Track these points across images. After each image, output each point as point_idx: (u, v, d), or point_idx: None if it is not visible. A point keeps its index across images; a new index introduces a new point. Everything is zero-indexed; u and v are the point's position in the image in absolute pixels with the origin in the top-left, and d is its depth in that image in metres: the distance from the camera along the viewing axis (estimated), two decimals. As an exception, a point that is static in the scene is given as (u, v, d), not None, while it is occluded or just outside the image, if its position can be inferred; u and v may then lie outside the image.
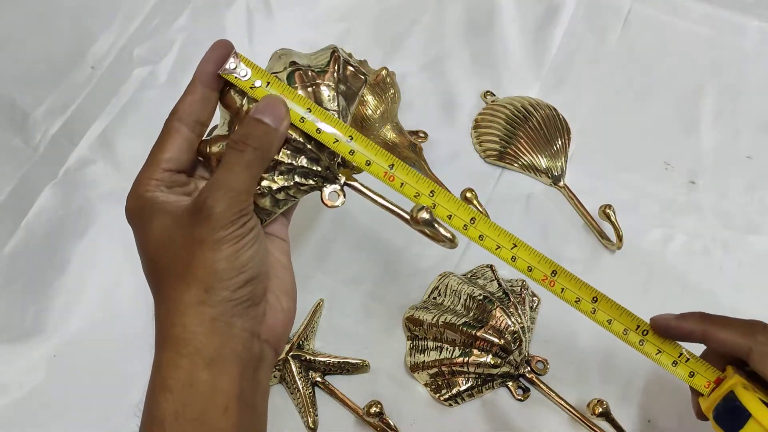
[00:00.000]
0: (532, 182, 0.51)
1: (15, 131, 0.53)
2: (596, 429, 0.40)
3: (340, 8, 0.61)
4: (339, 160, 0.35)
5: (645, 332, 0.35)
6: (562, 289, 0.35)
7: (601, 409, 0.38)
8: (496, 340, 0.41)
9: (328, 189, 0.35)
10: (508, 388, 0.43)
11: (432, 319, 0.43)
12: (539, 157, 0.51)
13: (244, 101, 0.34)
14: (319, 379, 0.43)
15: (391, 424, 0.41)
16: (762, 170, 0.51)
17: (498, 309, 0.42)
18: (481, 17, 0.59)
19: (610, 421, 0.39)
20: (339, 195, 0.35)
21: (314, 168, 0.34)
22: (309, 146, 0.33)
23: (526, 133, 0.52)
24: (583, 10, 0.59)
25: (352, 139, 0.33)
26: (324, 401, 0.43)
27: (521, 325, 0.42)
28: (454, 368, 0.42)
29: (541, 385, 0.41)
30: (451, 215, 0.35)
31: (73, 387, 0.44)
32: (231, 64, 0.33)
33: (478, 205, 0.47)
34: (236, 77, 0.33)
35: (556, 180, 0.50)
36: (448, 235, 0.34)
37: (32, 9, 0.57)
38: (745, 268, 0.47)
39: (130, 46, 0.57)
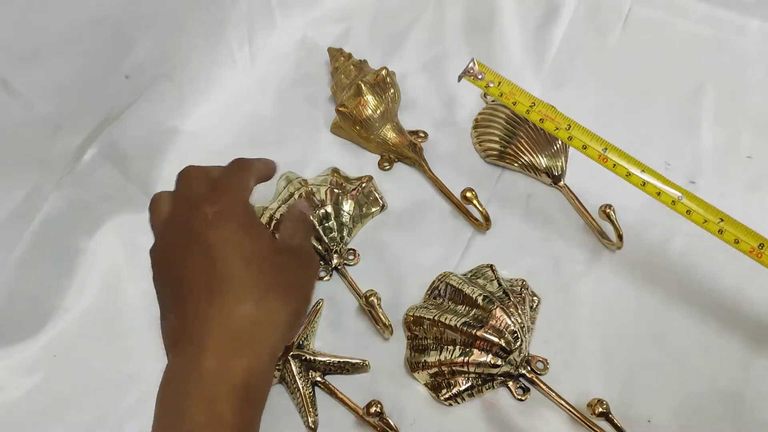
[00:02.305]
0: (532, 182, 0.51)
1: (44, 141, 0.51)
2: (596, 429, 0.40)
3: (340, 8, 0.61)
4: (340, 248, 0.48)
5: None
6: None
7: (601, 409, 0.38)
8: (496, 339, 0.41)
9: (323, 264, 0.48)
10: (508, 387, 0.43)
11: (432, 319, 0.43)
12: (539, 156, 0.51)
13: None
14: (319, 379, 0.43)
15: (391, 424, 0.41)
16: (762, 170, 0.51)
17: (498, 309, 0.42)
18: (481, 17, 0.59)
19: (610, 421, 0.39)
20: (327, 273, 0.47)
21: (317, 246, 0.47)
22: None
23: (526, 133, 0.52)
24: (583, 10, 0.59)
25: (570, 127, 0.41)
26: (324, 401, 0.43)
27: (521, 324, 0.42)
28: (454, 368, 0.42)
29: (541, 385, 0.41)
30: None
31: (73, 387, 0.44)
32: (471, 67, 0.42)
33: (478, 205, 0.47)
34: (475, 79, 0.42)
35: (556, 180, 0.50)
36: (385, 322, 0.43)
37: (70, 22, 0.54)
38: (745, 268, 0.46)
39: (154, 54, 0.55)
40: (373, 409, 0.39)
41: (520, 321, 0.42)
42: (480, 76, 0.41)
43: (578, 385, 0.42)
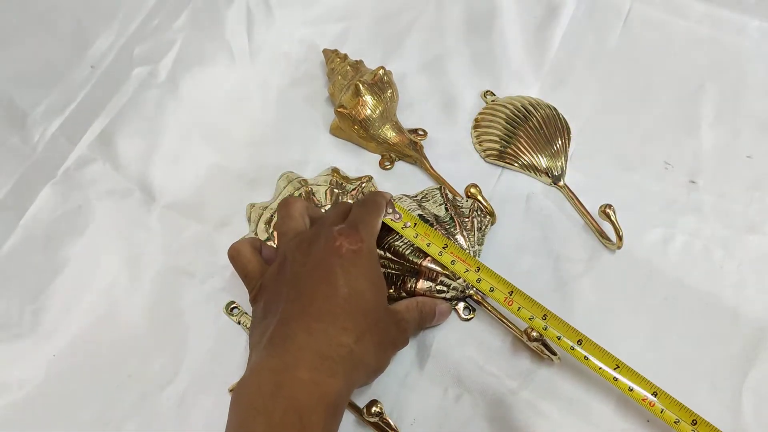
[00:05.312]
0: (532, 182, 0.51)
1: (13, 130, 0.53)
2: (536, 350, 0.42)
3: (339, 8, 0.61)
4: None
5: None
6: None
7: (535, 335, 0.40)
8: (439, 269, 0.42)
9: None
10: (455, 309, 0.45)
11: (382, 247, 0.44)
12: (539, 156, 0.51)
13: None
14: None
15: (391, 424, 0.41)
16: (762, 170, 0.51)
17: None
18: (481, 17, 0.59)
19: (545, 345, 0.41)
20: None
21: None
22: None
23: (526, 133, 0.52)
24: (583, 10, 0.59)
25: (479, 269, 0.42)
26: (324, 401, 0.43)
27: (466, 250, 0.43)
28: (402, 294, 0.44)
29: (487, 306, 0.43)
30: (560, 336, 0.40)
31: (73, 387, 0.44)
32: (388, 209, 0.43)
33: (483, 201, 0.47)
34: (391, 220, 0.43)
35: (556, 180, 0.50)
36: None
37: (32, 8, 0.57)
38: (745, 268, 0.46)
39: (130, 46, 0.57)
40: (373, 409, 0.39)
41: (465, 247, 0.44)
42: (397, 217, 0.43)
43: (578, 384, 0.42)
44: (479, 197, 0.47)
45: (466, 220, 0.46)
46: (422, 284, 0.44)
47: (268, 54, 0.59)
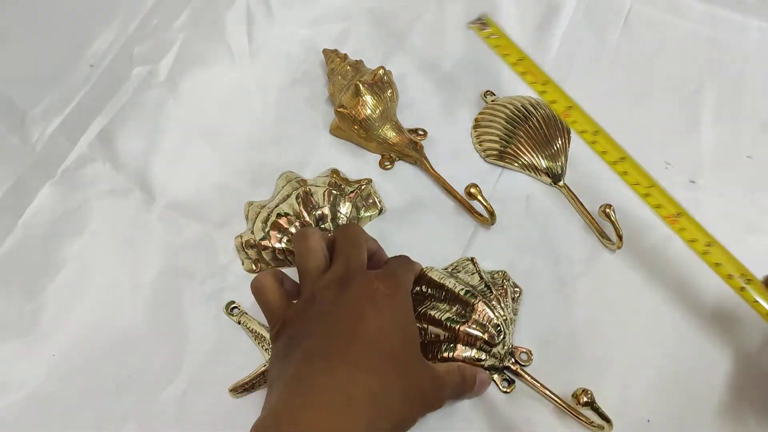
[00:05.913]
0: (532, 182, 0.51)
1: (12, 129, 0.53)
2: (581, 418, 0.40)
3: (340, 8, 0.61)
4: None
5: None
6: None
7: (586, 399, 0.38)
8: (479, 334, 0.41)
9: None
10: (494, 380, 0.43)
11: (417, 315, 0.43)
12: (539, 156, 0.51)
13: None
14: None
15: (392, 424, 0.41)
16: (762, 170, 0.51)
17: (480, 302, 0.42)
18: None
19: (595, 410, 0.39)
20: None
21: None
22: None
23: (526, 133, 0.52)
24: (583, 10, 0.59)
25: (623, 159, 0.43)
26: (324, 401, 0.43)
27: (504, 317, 0.42)
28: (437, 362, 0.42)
29: (526, 377, 0.42)
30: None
31: (73, 387, 0.44)
32: (479, 21, 0.45)
33: (483, 201, 0.47)
34: (482, 30, 0.45)
35: (556, 179, 0.50)
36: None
37: (31, 7, 0.57)
38: (745, 268, 0.46)
39: (130, 45, 0.57)
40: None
41: (502, 314, 0.42)
42: (485, 28, 0.44)
43: (578, 384, 0.42)
44: (479, 197, 0.47)
45: (501, 289, 0.45)
46: (460, 351, 0.42)
47: (268, 54, 0.59)
